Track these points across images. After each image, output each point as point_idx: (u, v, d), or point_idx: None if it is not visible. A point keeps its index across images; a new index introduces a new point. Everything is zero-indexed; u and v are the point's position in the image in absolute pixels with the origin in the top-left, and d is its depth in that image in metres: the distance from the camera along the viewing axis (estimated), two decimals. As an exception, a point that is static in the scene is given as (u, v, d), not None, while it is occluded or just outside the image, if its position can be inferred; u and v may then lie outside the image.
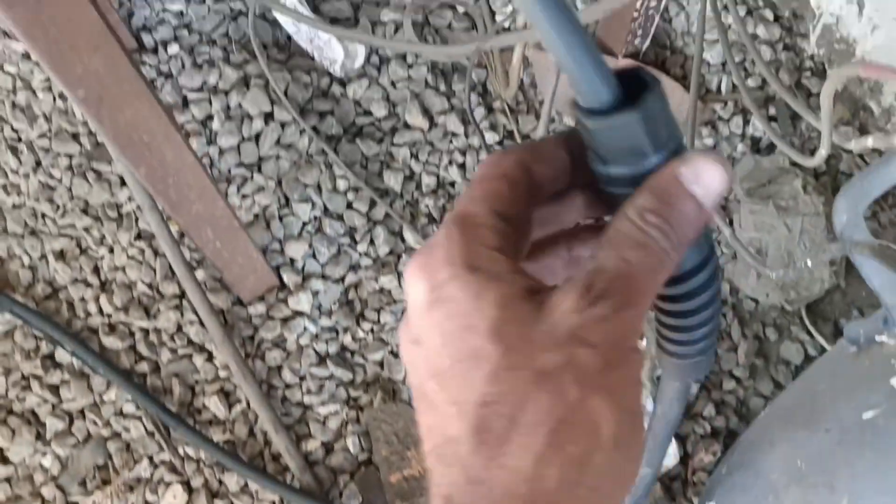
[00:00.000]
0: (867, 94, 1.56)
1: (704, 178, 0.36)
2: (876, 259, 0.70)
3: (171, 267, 1.48)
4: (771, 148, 1.60)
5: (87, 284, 1.53)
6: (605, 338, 0.33)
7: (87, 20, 0.74)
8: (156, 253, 1.53)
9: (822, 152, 0.97)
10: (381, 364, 1.49)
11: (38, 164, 1.59)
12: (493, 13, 1.67)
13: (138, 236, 1.54)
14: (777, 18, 1.66)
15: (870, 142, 0.83)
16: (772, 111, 1.61)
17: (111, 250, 1.54)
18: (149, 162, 0.98)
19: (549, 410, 0.33)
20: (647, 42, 1.60)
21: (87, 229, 1.55)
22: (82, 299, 1.52)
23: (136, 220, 1.55)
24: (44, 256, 1.55)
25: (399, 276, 1.52)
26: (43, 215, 1.57)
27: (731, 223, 1.56)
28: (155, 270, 1.52)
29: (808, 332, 1.52)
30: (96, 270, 1.54)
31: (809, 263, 0.84)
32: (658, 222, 0.35)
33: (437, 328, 0.35)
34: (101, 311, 1.51)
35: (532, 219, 0.40)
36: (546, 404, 0.33)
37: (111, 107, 0.86)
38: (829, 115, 0.86)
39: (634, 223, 0.35)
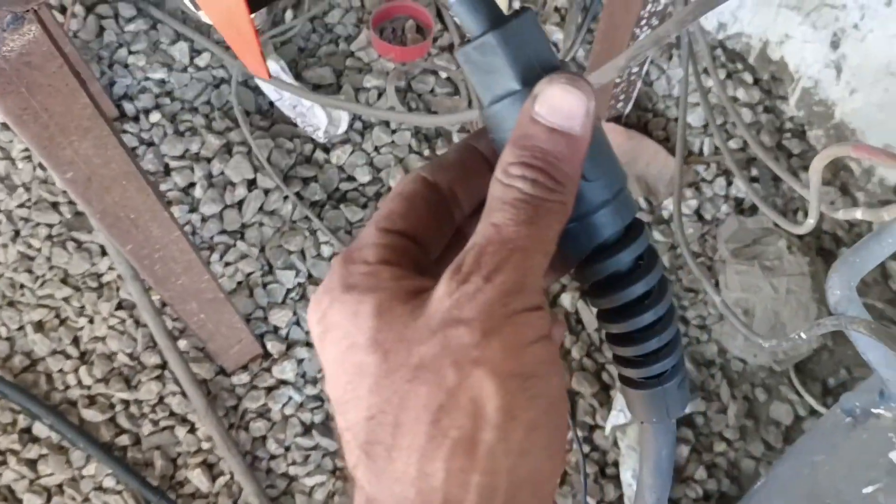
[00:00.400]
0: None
1: (563, 107, 0.33)
2: (872, 336, 0.69)
3: (152, 337, 1.46)
4: (755, 208, 1.61)
5: (67, 356, 1.50)
6: (480, 309, 0.31)
7: (79, 105, 0.74)
8: (137, 323, 1.50)
9: (811, 221, 0.97)
10: (367, 433, 1.47)
11: (17, 233, 1.57)
12: (475, 78, 1.68)
13: (119, 306, 1.52)
14: (756, 81, 1.69)
15: (859, 214, 0.83)
16: (754, 172, 1.62)
17: (91, 321, 1.51)
18: (135, 239, 0.97)
19: (428, 401, 0.30)
20: (630, 106, 1.61)
21: (66, 300, 1.53)
22: (61, 371, 1.49)
23: (117, 289, 1.52)
24: (22, 327, 1.52)
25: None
26: (21, 286, 1.54)
27: (717, 284, 1.56)
28: (136, 341, 1.49)
29: (798, 393, 1.51)
30: (76, 341, 1.51)
31: (804, 335, 0.84)
32: (522, 172, 0.33)
33: (329, 357, 0.33)
34: (80, 382, 1.48)
35: (453, 222, 0.38)
36: (424, 397, 0.31)
37: (99, 187, 0.85)
38: (817, 189, 0.86)
39: (500, 182, 0.33)
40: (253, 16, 0.54)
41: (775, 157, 1.63)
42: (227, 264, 1.54)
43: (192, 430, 1.46)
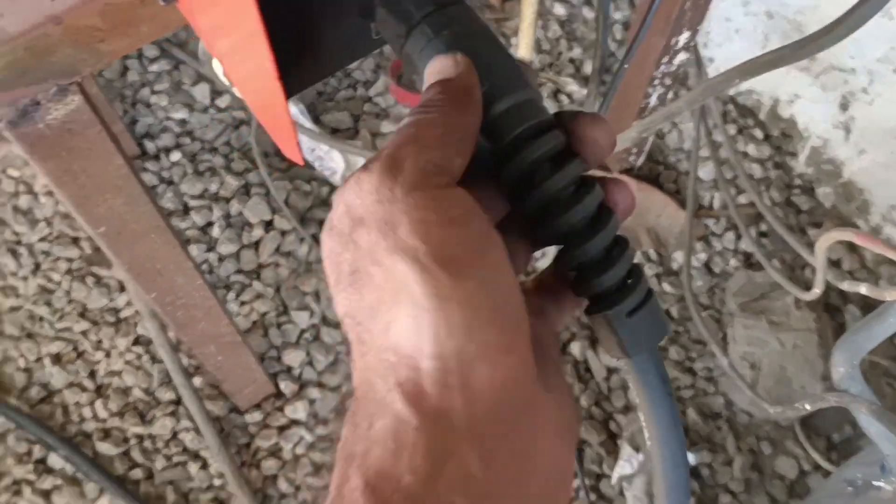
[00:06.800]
0: (854, 213, 1.61)
1: (438, 67, 0.38)
2: (872, 417, 0.72)
3: (168, 373, 1.49)
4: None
5: (83, 389, 1.53)
6: (373, 210, 0.32)
7: (114, 166, 0.77)
8: (153, 359, 1.53)
9: (816, 291, 1.00)
10: (376, 475, 1.49)
11: (38, 266, 1.60)
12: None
13: (136, 341, 1.55)
14: (767, 138, 1.72)
15: (863, 289, 0.86)
16: (763, 227, 1.65)
17: (108, 355, 1.54)
18: (160, 287, 1.00)
19: (370, 301, 0.32)
20: (642, 158, 1.64)
21: (84, 333, 1.56)
22: (77, 404, 1.52)
23: (135, 325, 1.55)
24: (39, 359, 1.55)
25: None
26: (40, 318, 1.57)
27: (724, 338, 1.58)
28: (152, 376, 1.52)
29: (803, 447, 1.53)
30: (92, 375, 1.54)
31: (808, 407, 0.86)
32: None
33: None
34: (95, 416, 1.51)
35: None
36: (367, 298, 0.33)
37: (129, 240, 0.88)
38: (823, 266, 0.89)
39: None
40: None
41: (784, 214, 1.66)
42: (242, 303, 1.57)
43: (205, 466, 1.48)
